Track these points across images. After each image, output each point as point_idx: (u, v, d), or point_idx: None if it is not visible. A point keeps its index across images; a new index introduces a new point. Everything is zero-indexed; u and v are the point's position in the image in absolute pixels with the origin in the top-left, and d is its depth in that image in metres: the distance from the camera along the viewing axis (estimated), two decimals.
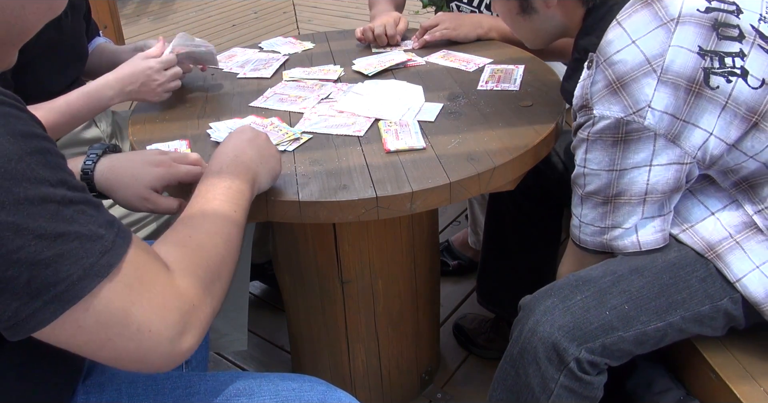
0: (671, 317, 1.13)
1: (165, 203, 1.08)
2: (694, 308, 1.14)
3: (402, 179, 1.15)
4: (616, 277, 1.15)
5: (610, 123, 1.07)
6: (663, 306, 1.13)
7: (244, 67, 1.67)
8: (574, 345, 1.10)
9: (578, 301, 1.13)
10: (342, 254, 1.44)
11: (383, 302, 1.53)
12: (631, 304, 1.13)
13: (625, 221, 1.15)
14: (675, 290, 1.14)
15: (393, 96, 1.45)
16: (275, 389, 0.95)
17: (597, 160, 1.12)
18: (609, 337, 1.11)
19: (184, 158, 1.12)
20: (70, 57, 1.60)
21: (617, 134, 1.08)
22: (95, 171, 1.07)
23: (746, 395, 1.13)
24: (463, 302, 2.11)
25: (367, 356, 1.61)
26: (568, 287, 1.16)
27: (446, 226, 2.51)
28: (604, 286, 1.15)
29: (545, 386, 1.13)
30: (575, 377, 1.12)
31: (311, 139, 1.31)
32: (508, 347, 1.21)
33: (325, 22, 4.88)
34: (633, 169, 1.09)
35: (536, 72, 1.53)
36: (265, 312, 2.11)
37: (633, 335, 1.12)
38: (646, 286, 1.14)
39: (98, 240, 0.68)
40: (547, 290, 1.19)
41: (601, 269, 1.18)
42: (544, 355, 1.12)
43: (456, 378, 1.84)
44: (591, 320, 1.11)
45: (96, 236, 0.68)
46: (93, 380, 0.99)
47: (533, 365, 1.14)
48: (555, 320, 1.12)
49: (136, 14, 5.20)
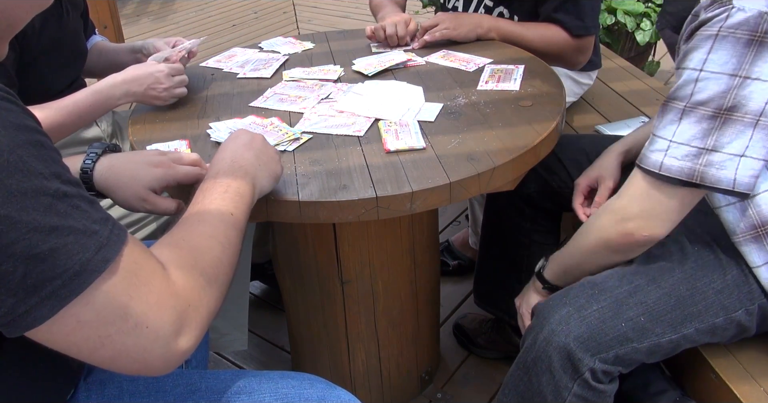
0: (686, 330, 1.12)
1: (164, 204, 1.08)
2: (708, 319, 1.13)
3: (402, 179, 1.15)
4: (633, 287, 1.13)
5: (749, 17, 0.94)
6: (678, 318, 1.12)
7: (244, 67, 1.67)
8: (589, 355, 1.09)
9: (594, 311, 1.11)
10: (342, 254, 1.44)
11: (383, 302, 1.53)
12: (647, 316, 1.11)
13: (729, 143, 0.99)
14: (691, 302, 1.12)
15: (393, 96, 1.45)
16: (275, 387, 0.95)
17: (722, 61, 0.97)
18: (623, 348, 1.10)
19: (183, 159, 1.11)
20: (70, 55, 1.60)
21: (755, 33, 0.95)
22: (94, 170, 1.06)
23: (746, 396, 1.13)
24: (463, 302, 2.11)
25: (367, 356, 1.61)
26: (584, 296, 1.14)
27: (446, 226, 2.51)
28: (621, 296, 1.12)
29: (558, 394, 1.13)
30: (589, 387, 1.11)
31: (311, 139, 1.31)
32: (520, 353, 1.20)
33: (325, 22, 4.88)
34: (757, 80, 0.96)
35: (536, 72, 1.53)
36: (265, 312, 2.11)
37: (647, 347, 1.11)
38: (663, 297, 1.12)
39: (93, 235, 0.67)
40: (562, 296, 1.17)
41: (618, 278, 1.16)
42: (559, 364, 1.11)
43: (456, 378, 1.84)
44: (607, 332, 1.10)
45: (91, 231, 0.67)
46: (94, 378, 0.99)
47: (547, 374, 1.13)
48: (571, 330, 1.10)
49: (136, 14, 5.20)
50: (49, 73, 1.50)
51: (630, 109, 2.09)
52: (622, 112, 2.06)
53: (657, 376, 1.27)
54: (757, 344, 1.21)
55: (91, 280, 0.66)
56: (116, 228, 0.71)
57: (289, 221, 1.20)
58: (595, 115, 2.07)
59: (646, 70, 3.01)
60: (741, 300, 1.13)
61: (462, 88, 1.48)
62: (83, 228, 0.66)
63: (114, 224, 0.71)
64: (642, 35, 2.80)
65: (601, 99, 2.16)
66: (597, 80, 2.19)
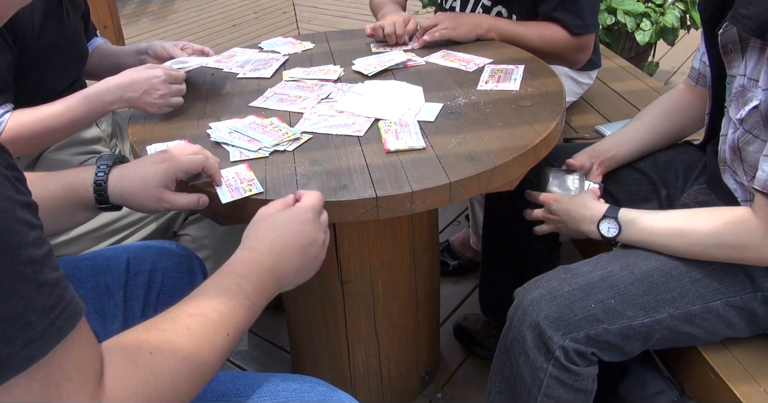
0: (659, 315, 1.14)
1: (183, 200, 1.07)
2: (684, 306, 1.15)
3: (402, 179, 1.15)
4: (605, 272, 1.17)
5: None
6: (651, 303, 1.14)
7: (244, 67, 1.67)
8: (559, 334, 1.12)
9: (565, 293, 1.16)
10: (342, 254, 1.44)
11: (383, 302, 1.53)
12: (617, 299, 1.14)
13: None
14: (665, 288, 1.15)
15: (393, 96, 1.45)
16: (275, 390, 0.95)
17: None
18: (593, 328, 1.13)
19: (184, 149, 1.11)
20: (71, 56, 1.60)
21: None
22: (108, 182, 1.05)
23: (746, 396, 1.13)
24: (463, 302, 2.11)
25: (367, 356, 1.61)
26: (557, 279, 1.18)
27: (446, 226, 2.51)
28: (593, 280, 1.17)
29: (535, 377, 1.16)
30: (563, 367, 1.13)
31: (311, 139, 1.31)
32: (501, 336, 1.24)
33: (325, 22, 4.88)
34: None
35: (536, 72, 1.53)
36: (265, 312, 2.08)
37: (618, 329, 1.13)
38: (635, 282, 1.15)
39: (26, 328, 0.58)
40: (537, 280, 1.21)
41: (592, 264, 1.20)
42: (533, 343, 1.15)
43: (456, 378, 1.84)
44: (576, 312, 1.13)
45: (24, 322, 0.58)
46: None
47: (523, 355, 1.17)
48: (541, 310, 1.14)
49: (136, 14, 5.20)
50: (49, 73, 1.50)
51: (630, 109, 2.09)
52: (621, 112, 2.06)
53: (654, 376, 1.27)
54: (758, 344, 1.21)
55: (5, 378, 0.58)
56: (61, 319, 0.61)
57: None
58: (595, 115, 2.07)
59: (645, 71, 3.01)
60: (720, 291, 1.15)
61: (462, 88, 1.48)
62: (14, 317, 0.58)
63: (60, 314, 0.61)
64: (642, 35, 2.80)
65: (601, 99, 2.16)
66: (597, 80, 2.19)
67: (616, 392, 1.25)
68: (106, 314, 1.13)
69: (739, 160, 1.15)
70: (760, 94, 1.07)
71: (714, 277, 1.15)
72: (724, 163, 1.22)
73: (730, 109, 1.17)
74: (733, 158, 1.17)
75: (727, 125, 1.19)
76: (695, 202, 1.35)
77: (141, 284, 1.17)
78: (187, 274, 1.23)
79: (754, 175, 1.11)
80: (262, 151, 1.26)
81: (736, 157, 1.16)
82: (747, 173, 1.15)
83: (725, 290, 1.15)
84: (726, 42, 1.15)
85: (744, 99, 1.12)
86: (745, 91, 1.11)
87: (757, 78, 1.08)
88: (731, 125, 1.16)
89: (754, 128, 1.10)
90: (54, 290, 0.62)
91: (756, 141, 1.10)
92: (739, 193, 1.21)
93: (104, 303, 1.13)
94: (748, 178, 1.15)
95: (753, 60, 1.10)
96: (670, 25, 2.81)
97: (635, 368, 1.27)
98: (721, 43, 1.16)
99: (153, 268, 1.19)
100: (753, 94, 1.09)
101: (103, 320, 1.12)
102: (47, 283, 0.61)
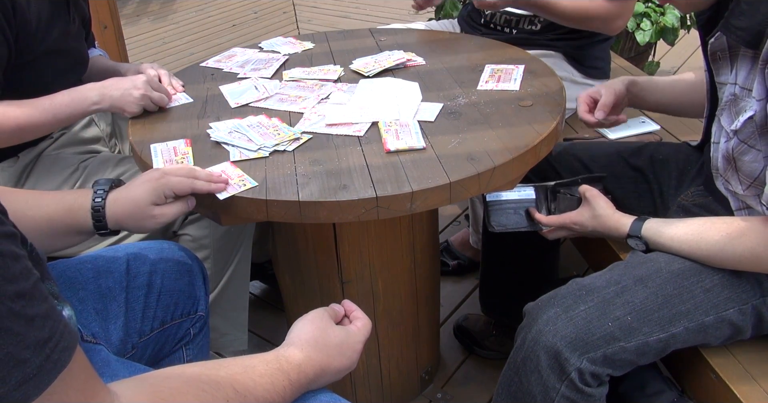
0: (674, 329, 1.13)
1: (173, 210, 1.09)
2: (698, 318, 1.13)
3: (402, 179, 1.15)
4: (620, 288, 1.14)
5: None
6: (666, 317, 1.12)
7: (244, 67, 1.67)
8: (576, 355, 1.10)
9: (581, 311, 1.12)
10: (342, 254, 1.44)
11: (383, 302, 1.53)
12: (634, 315, 1.12)
13: None
14: (679, 301, 1.13)
15: (389, 95, 1.45)
16: None
17: None
18: (611, 347, 1.10)
19: (177, 170, 1.12)
20: (73, 61, 1.61)
21: None
22: (105, 208, 1.06)
23: (746, 396, 1.13)
24: (463, 302, 2.11)
25: (367, 356, 1.61)
26: (572, 297, 1.15)
27: (446, 226, 2.51)
28: (608, 297, 1.14)
29: (546, 395, 1.13)
30: (576, 389, 1.11)
31: (311, 139, 1.31)
32: (511, 353, 1.21)
33: (325, 22, 4.88)
34: None
35: (536, 72, 1.53)
36: (265, 312, 2.11)
37: (635, 346, 1.11)
38: (650, 297, 1.13)
39: (19, 366, 0.56)
40: (550, 298, 1.18)
41: (605, 279, 1.17)
42: (547, 364, 1.12)
43: (456, 378, 1.84)
44: (593, 331, 1.11)
45: (17, 360, 0.56)
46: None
47: (535, 374, 1.14)
48: (558, 330, 1.11)
49: (136, 14, 5.20)
50: (51, 74, 1.50)
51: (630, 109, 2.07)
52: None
53: (654, 376, 1.26)
54: (758, 345, 1.21)
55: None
56: (56, 352, 0.59)
57: (289, 221, 1.20)
58: None
59: (646, 70, 3.01)
60: (732, 299, 1.14)
61: (462, 88, 1.48)
62: (5, 357, 0.56)
63: (56, 346, 0.59)
64: (642, 35, 2.80)
65: None
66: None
67: (616, 392, 1.25)
68: (108, 314, 1.13)
69: (734, 170, 1.14)
70: (754, 105, 1.06)
71: (725, 285, 1.14)
72: (716, 171, 1.21)
73: (722, 117, 1.17)
74: (727, 167, 1.16)
75: (719, 133, 1.18)
76: (693, 204, 1.35)
77: (141, 285, 1.17)
78: (186, 275, 1.23)
79: (750, 184, 1.11)
80: (262, 151, 1.26)
81: (730, 167, 1.15)
82: (742, 182, 1.14)
83: (737, 297, 1.14)
84: (715, 50, 1.14)
85: (737, 108, 1.11)
86: (738, 100, 1.11)
87: (750, 88, 1.07)
88: (723, 134, 1.15)
89: (749, 138, 1.09)
90: (46, 322, 0.59)
91: (751, 151, 1.09)
92: (731, 202, 1.20)
93: (106, 304, 1.13)
94: (743, 187, 1.14)
95: (745, 69, 1.09)
96: (670, 25, 2.81)
97: (635, 368, 1.27)
98: (710, 51, 1.15)
99: (152, 270, 1.19)
100: (746, 104, 1.08)
101: (104, 320, 1.12)
102: (38, 316, 0.59)
